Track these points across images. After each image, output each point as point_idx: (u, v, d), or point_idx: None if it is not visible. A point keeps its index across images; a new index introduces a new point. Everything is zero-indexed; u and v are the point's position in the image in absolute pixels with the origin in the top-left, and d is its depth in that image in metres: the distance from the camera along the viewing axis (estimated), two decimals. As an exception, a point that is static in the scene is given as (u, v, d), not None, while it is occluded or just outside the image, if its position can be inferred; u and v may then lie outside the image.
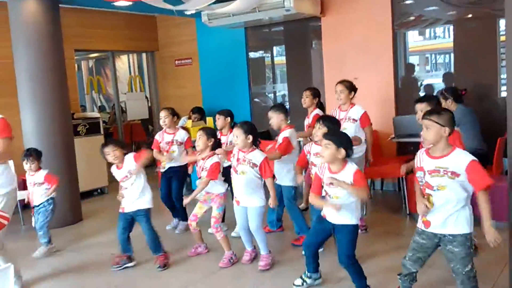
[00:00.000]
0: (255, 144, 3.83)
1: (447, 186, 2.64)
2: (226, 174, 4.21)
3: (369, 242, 4.32)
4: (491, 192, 2.66)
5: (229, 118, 5.05)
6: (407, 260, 2.88)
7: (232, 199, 4.07)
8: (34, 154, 4.43)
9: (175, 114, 5.08)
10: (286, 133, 4.26)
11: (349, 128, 4.39)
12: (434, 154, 2.70)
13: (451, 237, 2.69)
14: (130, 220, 4.06)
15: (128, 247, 4.11)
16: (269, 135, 6.60)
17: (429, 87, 6.36)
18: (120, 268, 4.06)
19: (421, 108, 3.61)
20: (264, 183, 3.85)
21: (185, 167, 4.97)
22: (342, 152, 3.03)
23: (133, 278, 3.94)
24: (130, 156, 3.97)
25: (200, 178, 4.13)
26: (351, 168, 3.08)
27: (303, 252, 3.54)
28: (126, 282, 3.87)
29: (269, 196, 3.82)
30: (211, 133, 4.13)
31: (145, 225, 4.02)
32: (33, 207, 4.53)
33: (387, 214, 5.22)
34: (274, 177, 4.01)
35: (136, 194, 3.99)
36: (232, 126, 4.99)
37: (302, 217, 4.34)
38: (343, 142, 3.07)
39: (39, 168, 4.46)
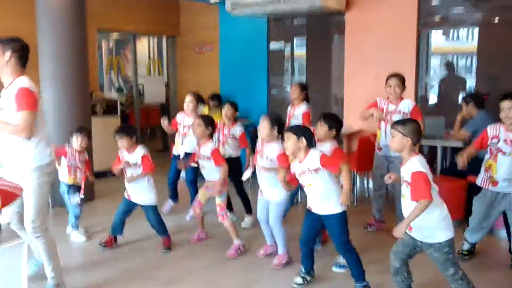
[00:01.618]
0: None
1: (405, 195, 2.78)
2: (230, 166, 4.14)
3: (379, 240, 4.30)
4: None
5: (237, 113, 5.01)
6: (391, 252, 2.96)
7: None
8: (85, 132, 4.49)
9: (199, 100, 5.10)
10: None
11: None
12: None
13: (428, 245, 2.78)
14: (133, 208, 4.15)
15: (120, 228, 4.20)
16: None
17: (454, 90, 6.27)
18: (104, 246, 4.16)
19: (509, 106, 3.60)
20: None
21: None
22: (303, 140, 3.16)
23: (143, 261, 3.99)
24: (140, 152, 3.99)
25: (200, 166, 4.16)
26: (314, 154, 3.18)
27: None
28: (135, 265, 3.91)
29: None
30: (209, 121, 4.15)
31: (152, 217, 4.12)
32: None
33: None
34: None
35: (142, 189, 4.04)
36: (236, 118, 4.98)
37: None
38: (303, 132, 3.20)
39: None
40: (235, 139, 4.80)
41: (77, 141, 4.37)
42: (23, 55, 3.12)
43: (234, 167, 4.57)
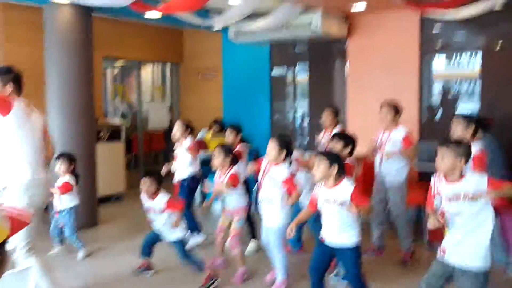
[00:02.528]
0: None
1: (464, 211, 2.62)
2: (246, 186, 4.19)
3: (386, 269, 4.25)
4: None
5: (240, 134, 5.05)
6: (423, 282, 2.84)
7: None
8: (66, 157, 4.60)
9: (188, 127, 5.12)
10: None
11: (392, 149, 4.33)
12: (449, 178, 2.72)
13: (461, 271, 2.64)
14: (161, 238, 4.07)
15: (148, 252, 4.13)
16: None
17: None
18: (141, 271, 4.11)
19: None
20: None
21: (192, 178, 5.00)
22: (335, 167, 3.06)
23: (145, 286, 3.94)
24: (164, 199, 3.88)
25: (220, 194, 4.14)
26: (347, 185, 3.07)
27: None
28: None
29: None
30: (228, 150, 4.12)
31: (180, 252, 3.98)
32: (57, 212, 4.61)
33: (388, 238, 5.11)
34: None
35: (169, 226, 3.93)
36: (241, 140, 5.02)
37: None
38: (336, 159, 3.10)
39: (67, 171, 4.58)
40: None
41: (58, 166, 4.52)
42: (21, 84, 3.28)
43: None
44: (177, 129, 5.04)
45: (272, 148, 3.67)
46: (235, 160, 4.16)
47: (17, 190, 3.14)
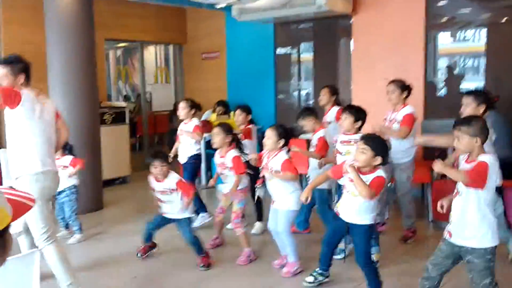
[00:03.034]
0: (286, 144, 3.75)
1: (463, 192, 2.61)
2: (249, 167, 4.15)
3: (390, 247, 4.25)
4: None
5: (250, 116, 5.02)
6: (429, 263, 2.84)
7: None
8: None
9: (194, 107, 5.08)
10: (320, 133, 4.21)
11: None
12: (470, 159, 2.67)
13: (471, 249, 2.63)
14: (167, 222, 4.03)
15: (150, 238, 4.14)
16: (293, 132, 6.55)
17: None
18: (145, 255, 4.11)
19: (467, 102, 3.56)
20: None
21: (196, 158, 5.01)
22: (378, 160, 2.99)
23: (151, 270, 3.97)
24: (175, 179, 3.86)
25: (221, 174, 4.13)
26: (380, 174, 3.03)
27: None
28: (144, 273, 3.89)
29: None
30: (228, 129, 4.11)
31: (186, 232, 3.95)
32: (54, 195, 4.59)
33: (391, 217, 5.09)
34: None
35: (178, 207, 3.90)
36: (251, 121, 4.99)
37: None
38: (381, 149, 3.01)
39: (64, 154, 4.52)
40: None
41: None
42: (29, 74, 3.22)
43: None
44: (182, 109, 5.01)
45: (269, 137, 3.67)
46: (235, 140, 4.15)
47: (27, 181, 3.14)
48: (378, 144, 3.03)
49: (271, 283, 3.65)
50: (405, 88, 4.32)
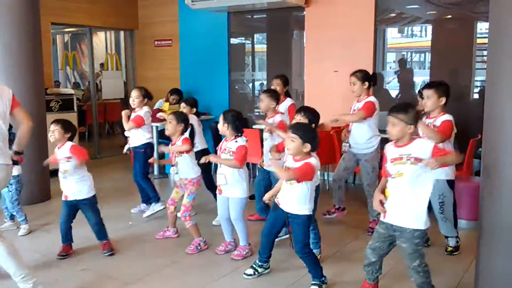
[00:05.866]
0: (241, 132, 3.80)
1: (405, 173, 2.73)
2: (198, 159, 4.11)
3: (342, 236, 4.40)
4: (462, 192, 2.74)
5: (194, 109, 5.07)
6: (368, 248, 3.00)
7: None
8: None
9: (146, 96, 5.01)
10: (278, 118, 4.28)
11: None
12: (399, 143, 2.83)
13: (399, 232, 2.80)
14: (74, 207, 3.95)
15: (69, 236, 4.03)
16: (247, 123, 6.58)
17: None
18: (62, 258, 3.94)
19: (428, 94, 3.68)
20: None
21: (147, 146, 4.97)
22: (308, 147, 3.08)
23: (100, 262, 3.90)
24: (68, 145, 3.82)
25: (174, 165, 4.11)
26: (314, 160, 3.12)
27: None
28: (93, 265, 3.83)
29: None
30: (182, 118, 4.13)
31: (90, 213, 3.92)
32: None
33: (359, 208, 5.27)
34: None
35: (75, 183, 3.85)
36: (195, 114, 5.01)
37: None
38: (308, 136, 3.10)
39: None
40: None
41: None
42: None
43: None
44: (135, 97, 4.94)
45: (220, 124, 3.75)
46: (188, 128, 4.16)
47: None
48: (305, 131, 3.13)
49: (222, 272, 3.67)
50: (366, 79, 4.35)
